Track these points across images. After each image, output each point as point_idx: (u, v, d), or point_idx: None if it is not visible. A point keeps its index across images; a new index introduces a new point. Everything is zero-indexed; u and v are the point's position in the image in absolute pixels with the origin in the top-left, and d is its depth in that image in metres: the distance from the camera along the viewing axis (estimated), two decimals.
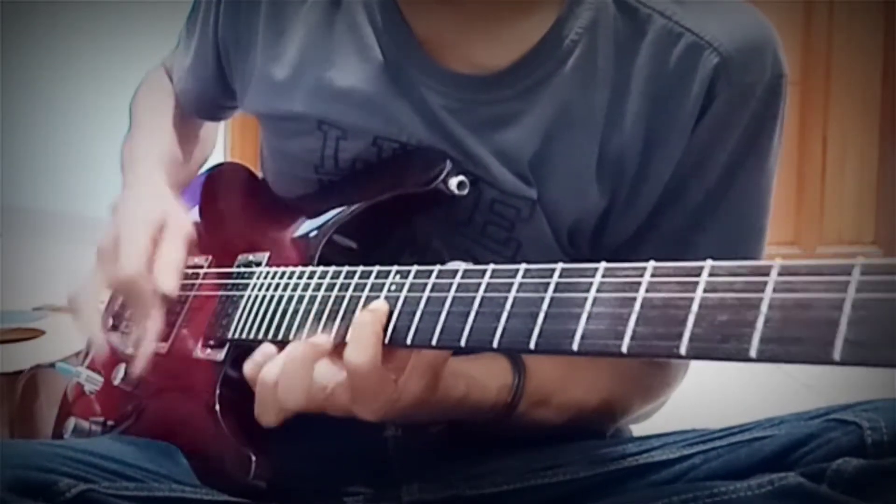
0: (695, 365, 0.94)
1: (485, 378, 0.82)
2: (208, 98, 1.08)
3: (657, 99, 0.85)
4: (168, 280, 0.90)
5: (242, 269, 0.94)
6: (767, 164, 0.89)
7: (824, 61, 3.43)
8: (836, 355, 0.49)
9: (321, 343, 0.75)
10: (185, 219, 0.97)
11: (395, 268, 0.76)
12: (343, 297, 0.79)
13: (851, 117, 3.47)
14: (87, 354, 1.10)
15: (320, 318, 0.80)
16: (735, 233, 0.89)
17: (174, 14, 1.09)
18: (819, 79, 3.42)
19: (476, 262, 0.72)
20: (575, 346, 0.62)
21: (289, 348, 0.77)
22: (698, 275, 0.58)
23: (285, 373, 0.75)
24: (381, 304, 0.74)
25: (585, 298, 0.62)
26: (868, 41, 3.42)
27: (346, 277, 0.80)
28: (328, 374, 0.74)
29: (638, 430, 0.96)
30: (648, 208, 0.88)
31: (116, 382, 0.96)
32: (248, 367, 0.79)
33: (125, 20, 3.44)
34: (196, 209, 1.08)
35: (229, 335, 0.88)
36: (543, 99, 0.86)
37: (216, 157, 1.19)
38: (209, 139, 1.18)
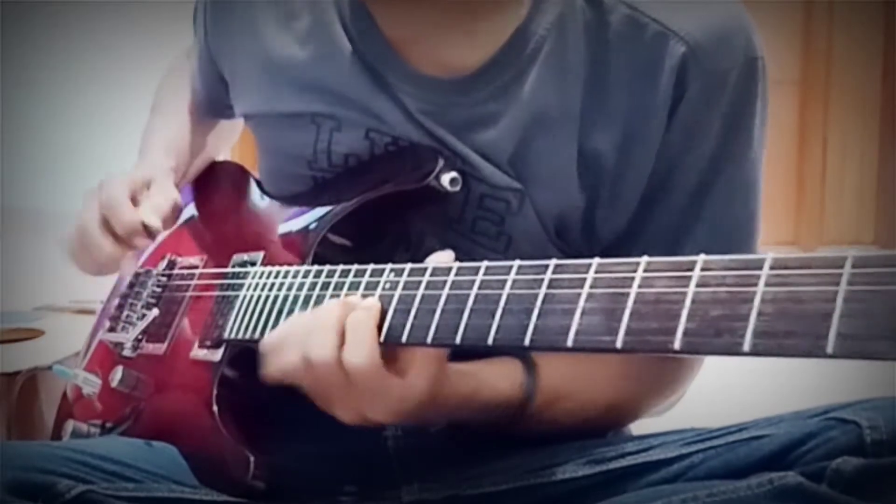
0: None
1: (495, 376, 0.82)
2: (216, 98, 1.08)
3: (629, 91, 0.85)
4: (151, 217, 0.93)
5: (237, 269, 0.94)
6: (753, 150, 0.88)
7: (824, 61, 3.43)
8: (829, 349, 0.50)
9: (351, 301, 0.76)
10: (172, 186, 0.99)
11: (389, 266, 0.77)
12: (338, 297, 0.79)
13: (851, 117, 3.47)
14: (84, 356, 1.10)
15: None
16: (729, 223, 0.89)
17: (174, 14, 1.09)
18: (819, 79, 3.43)
19: (469, 259, 0.72)
20: (569, 343, 0.62)
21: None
22: (691, 270, 0.58)
23: (316, 317, 0.76)
24: (373, 302, 0.74)
25: (579, 294, 0.63)
26: (868, 41, 3.42)
27: (340, 276, 0.80)
28: (332, 374, 0.74)
29: (637, 429, 0.96)
30: (635, 203, 0.88)
31: (114, 385, 0.96)
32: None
33: (125, 20, 3.44)
34: (191, 208, 1.08)
35: (225, 335, 0.89)
36: (517, 98, 0.86)
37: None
38: (227, 136, 1.18)
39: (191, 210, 1.08)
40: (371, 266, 0.78)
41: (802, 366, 2.28)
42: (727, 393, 1.96)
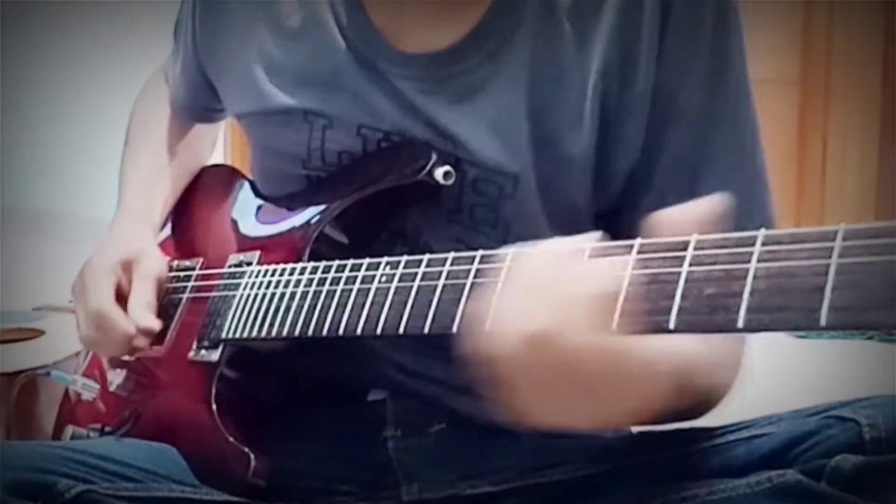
0: None
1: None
2: (199, 103, 1.08)
3: (618, 27, 0.84)
4: (144, 316, 0.95)
5: (234, 269, 0.94)
6: (745, 63, 0.86)
7: (824, 61, 3.43)
8: (823, 321, 0.50)
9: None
10: (155, 258, 1.01)
11: (384, 259, 0.77)
12: (335, 291, 0.79)
13: (851, 117, 3.46)
14: (82, 361, 1.10)
15: (313, 313, 0.80)
16: (742, 149, 0.86)
17: (174, 14, 1.09)
18: (819, 79, 3.42)
19: (469, 249, 0.72)
20: None
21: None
22: (684, 249, 0.58)
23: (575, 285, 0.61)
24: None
25: None
26: (868, 41, 3.42)
27: (336, 271, 0.81)
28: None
29: (637, 427, 0.96)
30: (641, 140, 0.85)
31: (112, 388, 0.96)
32: None
33: (125, 20, 3.44)
34: (186, 212, 1.08)
35: (223, 335, 0.89)
36: (511, 58, 0.85)
37: (216, 159, 1.20)
38: (206, 144, 1.18)
39: (186, 214, 1.09)
40: (367, 260, 0.79)
41: (802, 366, 2.27)
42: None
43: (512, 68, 0.85)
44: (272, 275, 0.87)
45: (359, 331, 0.77)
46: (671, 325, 0.57)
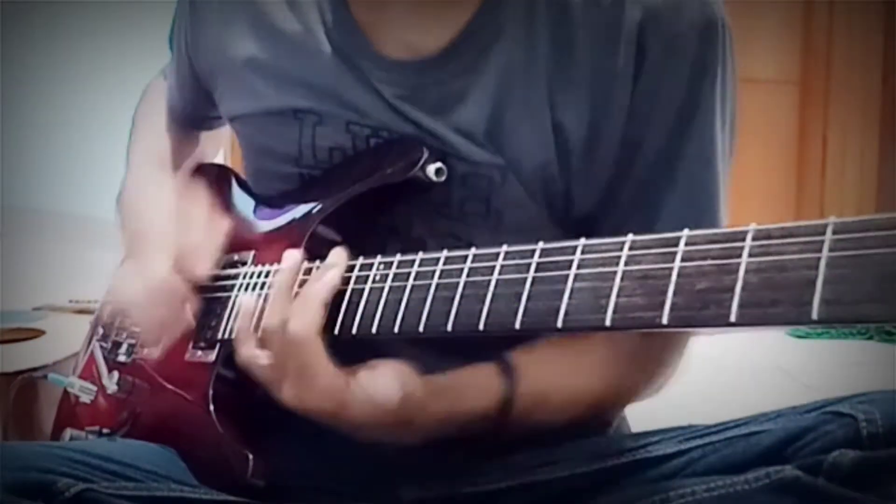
0: (694, 363, 0.94)
1: (471, 394, 0.82)
2: (196, 111, 1.08)
3: (592, 60, 0.84)
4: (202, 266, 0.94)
5: (229, 270, 0.94)
6: (716, 118, 0.86)
7: (824, 61, 3.42)
8: (814, 315, 0.50)
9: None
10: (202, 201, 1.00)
11: (378, 258, 0.77)
12: None
13: (851, 117, 3.46)
14: (79, 364, 1.09)
15: None
16: (698, 187, 0.87)
17: (173, 14, 1.09)
18: (819, 79, 3.42)
19: (463, 241, 0.73)
20: (559, 324, 0.63)
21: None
22: (676, 245, 0.59)
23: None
24: (332, 275, 0.79)
25: (567, 276, 0.63)
26: (868, 41, 3.41)
27: None
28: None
29: (636, 425, 0.96)
30: (608, 174, 0.87)
31: (110, 391, 0.96)
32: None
33: (125, 20, 3.44)
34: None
35: (219, 335, 0.89)
36: (487, 70, 0.86)
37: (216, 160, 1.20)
38: (208, 147, 1.18)
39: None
40: (360, 259, 0.79)
41: (802, 365, 2.27)
42: (727, 394, 1.96)
43: (488, 78, 0.86)
44: (266, 275, 0.87)
45: (354, 330, 0.77)
46: (664, 321, 0.57)
